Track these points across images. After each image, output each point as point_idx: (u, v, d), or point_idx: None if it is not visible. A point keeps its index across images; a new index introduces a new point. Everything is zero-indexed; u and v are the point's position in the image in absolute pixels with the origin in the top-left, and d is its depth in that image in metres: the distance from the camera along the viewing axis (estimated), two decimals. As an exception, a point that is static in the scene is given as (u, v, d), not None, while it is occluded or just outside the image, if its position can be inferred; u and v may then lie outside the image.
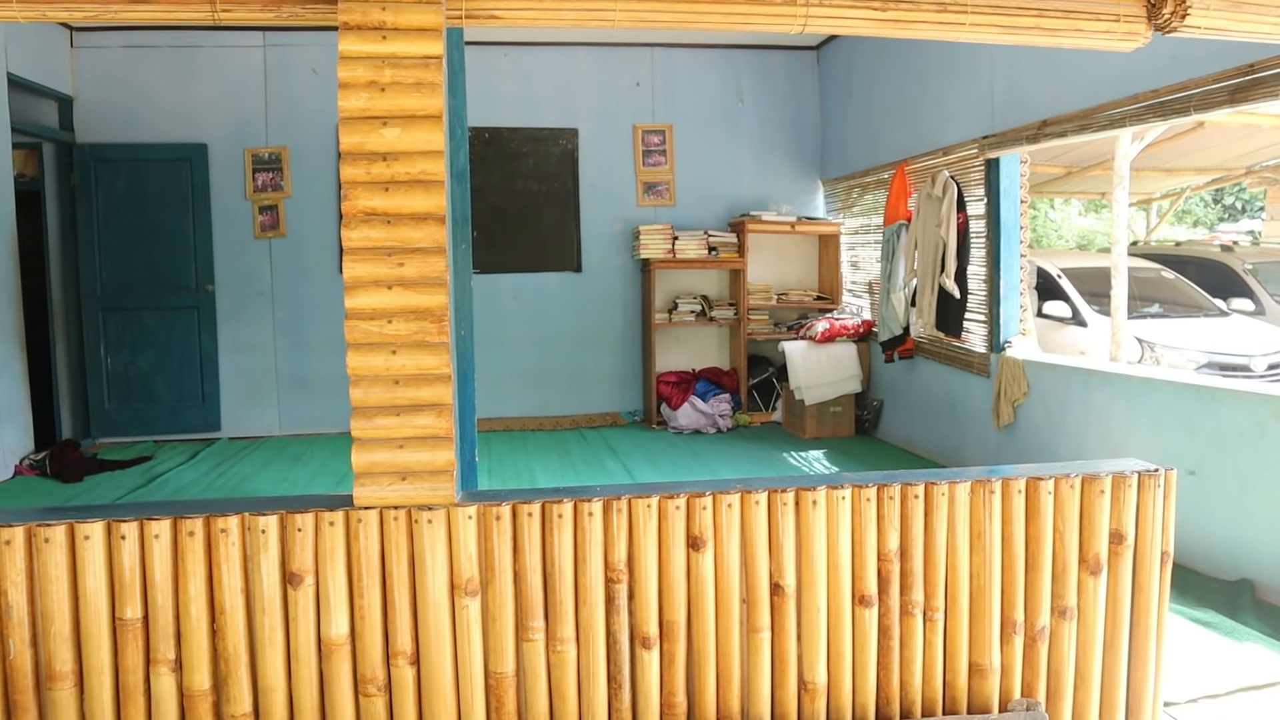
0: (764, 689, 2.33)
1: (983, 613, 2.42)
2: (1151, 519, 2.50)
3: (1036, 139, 5.42)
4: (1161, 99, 4.47)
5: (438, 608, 2.17)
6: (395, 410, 2.11)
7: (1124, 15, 2.53)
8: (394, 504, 2.14)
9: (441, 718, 2.20)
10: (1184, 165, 11.67)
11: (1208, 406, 4.40)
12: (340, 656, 2.16)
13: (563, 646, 2.24)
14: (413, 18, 2.08)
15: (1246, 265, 11.89)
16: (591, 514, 2.22)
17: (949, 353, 6.60)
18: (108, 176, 7.72)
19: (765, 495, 2.29)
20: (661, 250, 8.11)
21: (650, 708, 2.29)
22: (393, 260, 2.09)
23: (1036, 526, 2.43)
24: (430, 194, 2.10)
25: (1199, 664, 3.47)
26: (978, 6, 2.44)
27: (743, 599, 2.31)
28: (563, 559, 2.22)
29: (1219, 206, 21.60)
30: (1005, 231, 5.97)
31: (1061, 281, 9.58)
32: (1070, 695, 2.51)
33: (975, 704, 2.44)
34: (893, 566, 2.36)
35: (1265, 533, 4.10)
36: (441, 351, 2.12)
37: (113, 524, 2.08)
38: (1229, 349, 9.02)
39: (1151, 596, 2.51)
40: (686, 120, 8.53)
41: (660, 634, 2.28)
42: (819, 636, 2.34)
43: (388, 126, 2.08)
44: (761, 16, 2.36)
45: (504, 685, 2.22)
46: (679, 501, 2.25)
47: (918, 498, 2.35)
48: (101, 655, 2.09)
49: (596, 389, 8.51)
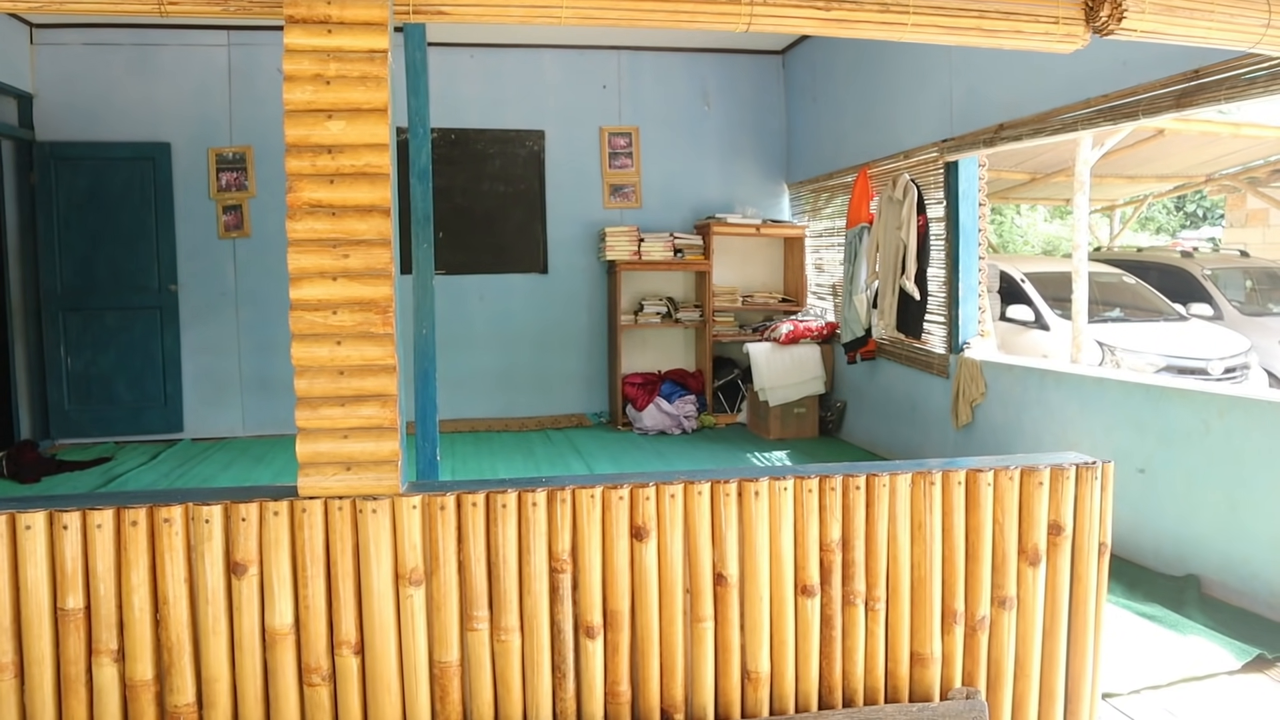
0: (708, 678, 2.36)
1: (924, 602, 2.46)
2: (1089, 511, 2.55)
3: (993, 142, 5.50)
4: (1112, 103, 4.55)
5: (382, 597, 2.19)
6: (340, 401, 2.12)
7: (1063, 17, 2.59)
8: (338, 494, 2.15)
9: (386, 707, 2.21)
10: (1146, 172, 11.86)
11: (1156, 406, 4.48)
12: (284, 646, 2.17)
13: (507, 636, 2.26)
14: (358, 12, 2.10)
15: (1205, 271, 12.08)
16: (536, 504, 2.24)
17: (910, 354, 6.67)
18: (68, 175, 7.65)
19: (708, 486, 2.32)
20: (627, 252, 8.14)
21: (594, 697, 2.31)
22: (338, 252, 2.11)
23: (976, 518, 2.48)
24: (375, 186, 2.11)
25: (1143, 656, 3.53)
26: (919, 7, 2.49)
27: (686, 589, 2.34)
28: (507, 549, 2.24)
29: (1181, 213, 21.92)
30: (964, 234, 6.04)
31: (1025, 286, 9.71)
32: (1010, 684, 2.55)
33: (916, 693, 2.48)
34: (835, 557, 2.40)
35: (1211, 529, 4.18)
36: (386, 343, 2.13)
37: (55, 514, 2.08)
38: (1187, 352, 9.16)
39: (1090, 586, 2.56)
40: (653, 123, 8.57)
41: (604, 623, 2.30)
42: (762, 626, 2.37)
43: (333, 120, 2.09)
44: (707, 15, 2.40)
45: (448, 675, 2.24)
46: (622, 492, 2.27)
47: (859, 489, 2.39)
48: (42, 646, 2.09)
49: (562, 390, 8.53)
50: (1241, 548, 4.03)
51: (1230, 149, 10.40)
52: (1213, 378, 8.72)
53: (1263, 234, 15.21)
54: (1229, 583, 4.08)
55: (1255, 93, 3.70)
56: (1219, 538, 4.14)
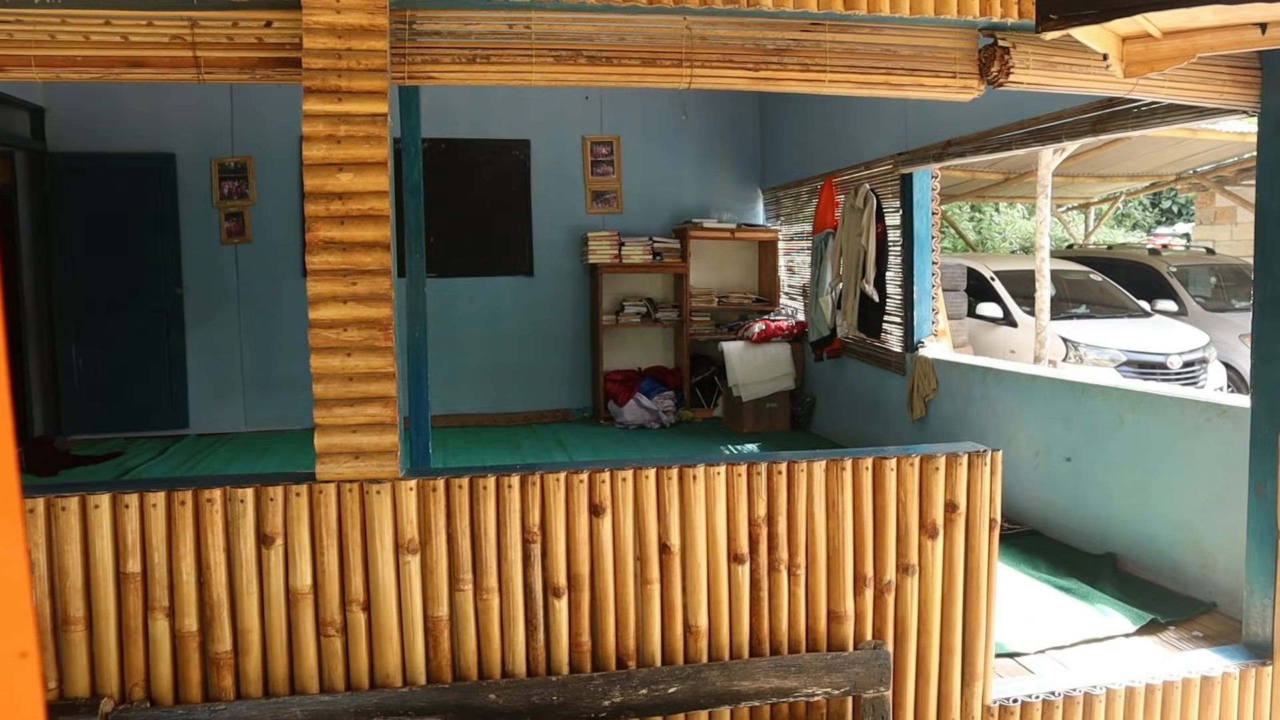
0: (656, 631, 2.84)
1: (838, 569, 2.94)
2: (981, 491, 3.02)
3: (942, 157, 5.97)
4: (1041, 126, 5.03)
5: (385, 563, 2.66)
6: (350, 402, 2.59)
7: (959, 73, 3.06)
8: (349, 478, 2.62)
9: (389, 655, 2.69)
10: (1117, 171, 12.30)
11: (1080, 401, 4.96)
12: (305, 604, 2.64)
13: (488, 595, 2.73)
14: (363, 83, 2.56)
15: (1172, 268, 12.52)
16: (511, 486, 2.71)
17: (870, 352, 7.15)
18: (79, 184, 8.08)
19: (654, 471, 2.79)
20: (609, 255, 8.61)
21: (561, 646, 2.78)
22: (347, 280, 2.57)
23: (882, 498, 2.95)
24: (378, 226, 2.58)
25: (1052, 622, 4.01)
26: (835, 67, 2.96)
27: (636, 556, 2.81)
28: (487, 523, 2.71)
29: (1156, 210, 22.45)
30: (918, 240, 6.51)
31: (994, 284, 10.16)
32: (914, 638, 3.03)
33: (833, 644, 2.95)
34: (762, 530, 2.88)
35: (1126, 512, 4.66)
36: (387, 354, 2.60)
37: (118, 495, 2.55)
38: (1148, 348, 9.62)
39: (982, 556, 3.04)
40: (633, 132, 9.03)
41: (569, 585, 2.77)
42: (701, 588, 2.85)
43: (343, 172, 2.56)
44: (655, 75, 2.86)
45: (440, 627, 2.71)
46: (583, 476, 2.75)
47: (781, 474, 2.87)
48: (108, 603, 2.55)
49: (547, 387, 8.99)
50: (1150, 528, 4.51)
51: (1198, 149, 10.82)
52: (1172, 372, 9.21)
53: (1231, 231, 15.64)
54: (1140, 559, 4.57)
55: (1155, 122, 4.17)
56: (1132, 519, 4.62)
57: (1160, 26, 2.14)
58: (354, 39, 2.56)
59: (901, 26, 2.97)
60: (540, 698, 2.67)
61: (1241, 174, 11.85)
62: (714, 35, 2.87)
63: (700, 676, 2.76)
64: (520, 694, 2.67)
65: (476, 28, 2.74)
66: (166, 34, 2.61)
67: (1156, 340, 9.79)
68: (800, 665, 2.84)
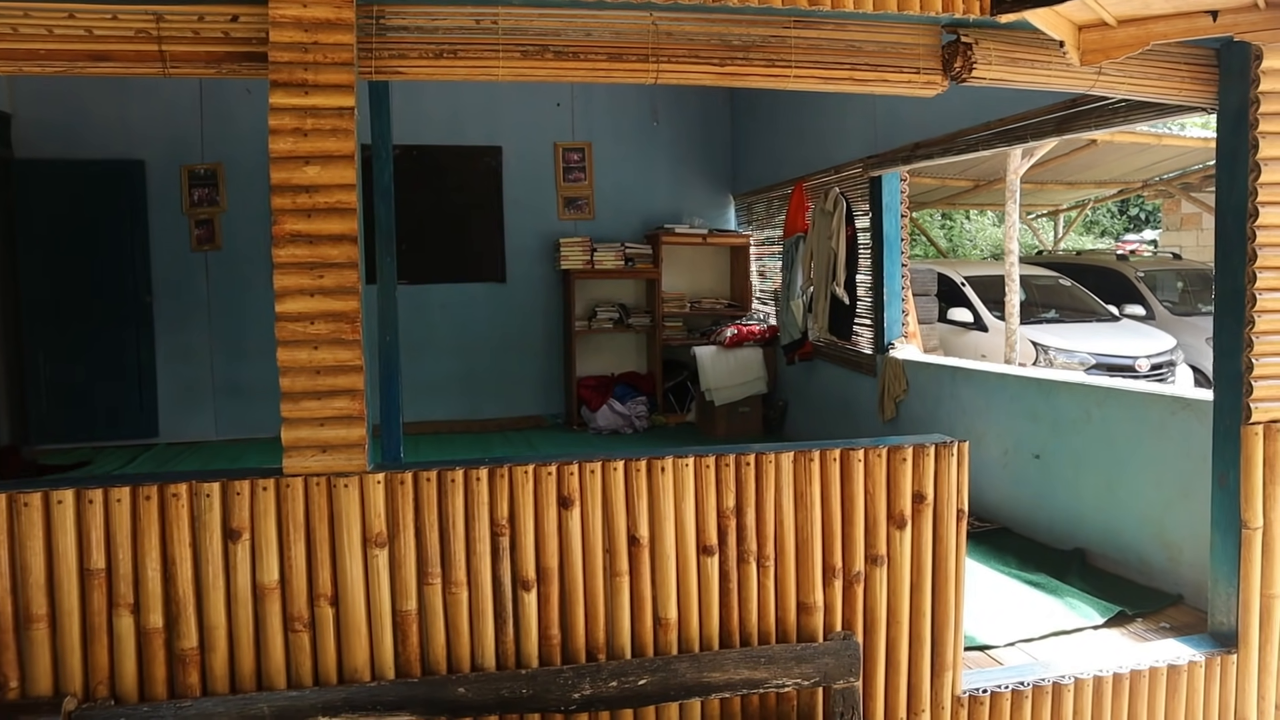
0: (626, 624, 2.84)
1: (807, 560, 2.95)
2: (948, 482, 3.04)
3: (910, 159, 6.03)
4: (1007, 127, 5.08)
5: (353, 558, 2.65)
6: (317, 395, 2.58)
7: (923, 68, 3.09)
8: (316, 471, 2.61)
9: (357, 650, 2.67)
10: (1085, 179, 12.45)
11: (1048, 398, 5.01)
12: (272, 599, 2.62)
13: (457, 589, 2.72)
14: (330, 76, 2.56)
15: (1139, 273, 12.66)
16: (479, 479, 2.71)
17: (842, 355, 7.18)
18: (46, 191, 7.99)
19: (623, 463, 2.80)
20: (581, 261, 8.61)
21: (531, 640, 2.78)
22: (314, 273, 2.57)
23: (850, 489, 2.97)
24: (345, 219, 2.57)
25: (1022, 616, 4.04)
26: (800, 62, 2.98)
27: (606, 549, 2.82)
28: (456, 516, 2.70)
29: (1125, 217, 22.73)
30: (888, 243, 6.56)
31: (965, 289, 10.24)
32: (884, 629, 3.04)
33: (803, 635, 2.96)
34: (731, 522, 2.89)
35: (1093, 507, 4.71)
36: (355, 347, 2.59)
37: (81, 491, 2.52)
38: (1116, 351, 9.73)
39: (950, 546, 3.06)
40: (605, 138, 9.06)
41: (538, 578, 2.77)
42: (670, 580, 2.85)
43: (310, 165, 2.55)
44: (621, 71, 2.88)
45: (409, 622, 2.70)
46: (551, 469, 2.75)
47: (749, 465, 2.88)
48: (71, 600, 2.53)
49: (520, 393, 8.98)
50: (1117, 522, 4.56)
51: (1162, 156, 10.98)
52: (1140, 375, 9.31)
53: (1197, 237, 15.84)
54: (1108, 554, 4.61)
55: (1118, 122, 4.24)
56: (1100, 514, 4.67)
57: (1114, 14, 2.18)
58: (320, 32, 2.56)
59: (866, 23, 3.00)
60: (510, 691, 2.67)
61: (1206, 180, 12.02)
62: (680, 31, 2.89)
63: (670, 668, 2.76)
64: (490, 687, 2.66)
65: (444, 23, 2.74)
66: (131, 28, 2.60)
67: (1124, 344, 9.91)
68: (770, 656, 2.85)
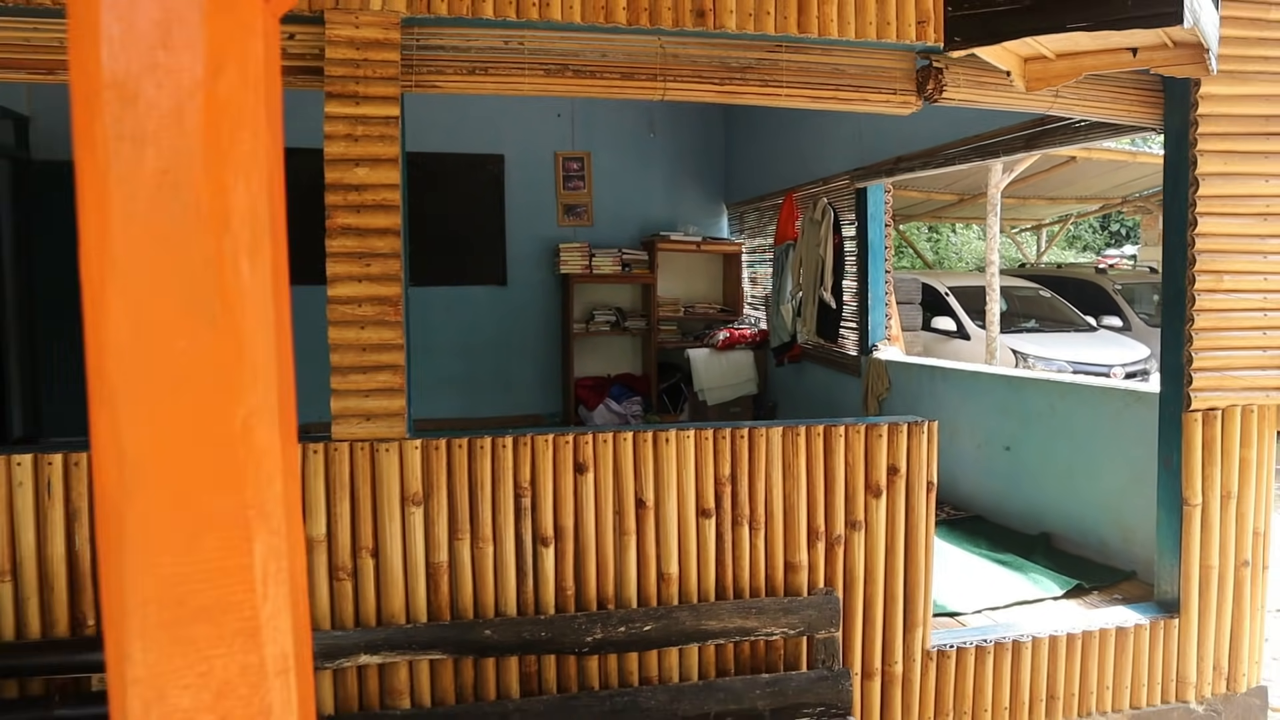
0: (632, 577, 3.19)
1: (793, 524, 3.31)
2: (919, 457, 3.41)
3: (893, 172, 6.41)
4: (982, 142, 5.47)
5: (392, 514, 2.99)
6: (363, 369, 2.93)
7: (899, 90, 3.47)
8: (361, 437, 2.96)
9: (394, 597, 3.01)
10: (1066, 194, 12.85)
11: (1017, 393, 5.39)
12: (320, 550, 2.96)
13: (484, 544, 3.07)
14: (378, 89, 2.92)
15: (1117, 286, 13.08)
16: (505, 446, 3.06)
17: (829, 356, 7.56)
18: (62, 191, 8.31)
19: (632, 435, 3.16)
20: (580, 266, 8.97)
21: (548, 590, 3.13)
22: (362, 262, 2.92)
23: (832, 461, 3.33)
24: (389, 215, 2.93)
25: (989, 589, 4.41)
26: (791, 83, 3.36)
27: (615, 510, 3.17)
28: (484, 479, 3.05)
29: (1106, 232, 23.23)
30: (873, 251, 6.94)
31: (949, 299, 10.63)
32: (862, 586, 3.40)
33: (789, 590, 3.32)
34: (726, 488, 3.24)
35: (1057, 494, 5.08)
36: (397, 328, 2.94)
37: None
38: (1093, 360, 10.13)
39: (920, 514, 3.42)
40: (604, 148, 9.42)
41: (555, 536, 3.12)
42: (672, 539, 3.21)
43: (360, 166, 2.91)
44: (633, 88, 3.24)
45: (440, 573, 3.05)
46: (568, 438, 3.10)
47: (743, 439, 3.24)
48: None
49: (520, 392, 9.32)
50: (1078, 508, 4.93)
51: (1140, 174, 11.37)
52: (1115, 382, 9.70)
53: (1174, 252, 16.15)
54: (1071, 537, 4.98)
55: (1080, 139, 4.62)
56: (1063, 500, 5.04)
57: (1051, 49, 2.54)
58: (370, 50, 2.92)
59: (848, 49, 3.37)
60: (530, 634, 3.02)
61: (1182, 197, 12.40)
62: (685, 54, 3.26)
63: (672, 616, 3.11)
64: (512, 631, 3.01)
65: (476, 43, 3.10)
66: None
67: (1101, 353, 10.31)
68: (760, 608, 3.20)
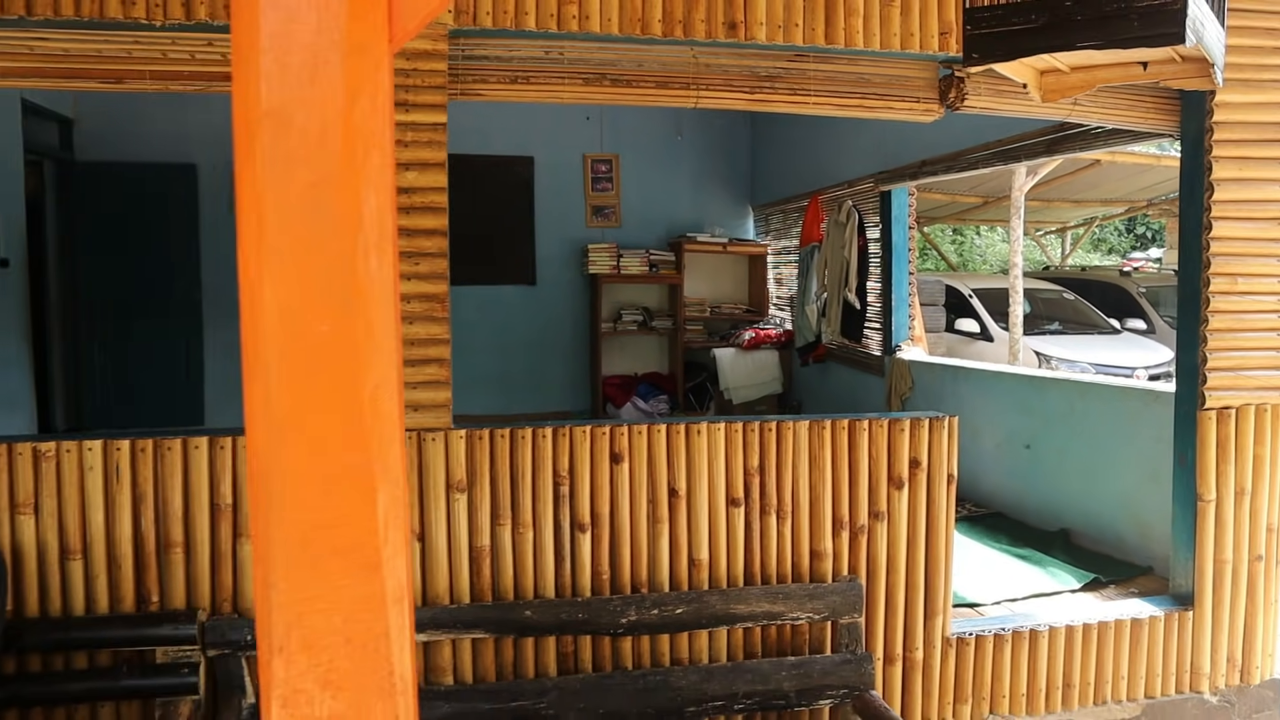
0: (665, 563, 3.34)
1: (819, 514, 3.45)
2: (941, 451, 3.54)
3: (917, 176, 6.53)
4: (1004, 147, 5.58)
5: (437, 501, 3.15)
6: (411, 363, 3.10)
7: (922, 98, 3.60)
8: (409, 428, 3.12)
9: (439, 578, 3.18)
10: (1090, 197, 12.86)
11: (1038, 393, 5.50)
12: (370, 533, 3.12)
13: (524, 529, 3.23)
14: (426, 97, 3.09)
15: (1141, 289, 13.08)
16: (545, 436, 3.22)
17: (852, 356, 7.68)
18: (104, 192, 8.54)
19: (665, 427, 3.31)
20: (608, 267, 9.12)
21: (585, 573, 3.28)
22: (411, 260, 3.09)
23: (857, 454, 3.47)
24: (437, 216, 3.10)
25: (1009, 582, 4.53)
26: (818, 92, 3.49)
27: (649, 499, 3.32)
28: (524, 467, 3.21)
29: (1131, 235, 23.16)
30: (897, 253, 7.06)
31: (972, 301, 10.68)
32: (884, 575, 3.54)
33: (815, 577, 3.46)
34: (755, 479, 3.39)
35: (1077, 491, 5.19)
36: (443, 324, 3.11)
37: (214, 438, 3.04)
38: (1115, 362, 10.16)
39: (941, 506, 3.56)
40: (632, 151, 9.57)
41: (592, 522, 3.28)
42: (703, 527, 3.36)
43: (409, 170, 3.07)
44: (668, 96, 3.39)
45: (483, 556, 3.21)
46: (605, 429, 3.26)
47: (771, 431, 3.38)
48: (202, 530, 3.04)
49: (550, 389, 9.47)
50: (1097, 504, 5.04)
51: (1164, 176, 11.36)
52: (1140, 385, 9.76)
53: (1200, 255, 16.09)
54: (1089, 533, 5.09)
55: (1099, 145, 4.74)
56: (1082, 497, 5.15)
57: (1066, 63, 2.67)
58: (419, 61, 3.08)
59: (874, 59, 3.51)
60: (568, 615, 3.17)
61: (1208, 200, 12.40)
62: (716, 64, 3.41)
63: (702, 600, 3.26)
64: (551, 612, 3.17)
65: (519, 54, 3.27)
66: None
67: (1124, 355, 10.33)
68: (787, 593, 3.34)
